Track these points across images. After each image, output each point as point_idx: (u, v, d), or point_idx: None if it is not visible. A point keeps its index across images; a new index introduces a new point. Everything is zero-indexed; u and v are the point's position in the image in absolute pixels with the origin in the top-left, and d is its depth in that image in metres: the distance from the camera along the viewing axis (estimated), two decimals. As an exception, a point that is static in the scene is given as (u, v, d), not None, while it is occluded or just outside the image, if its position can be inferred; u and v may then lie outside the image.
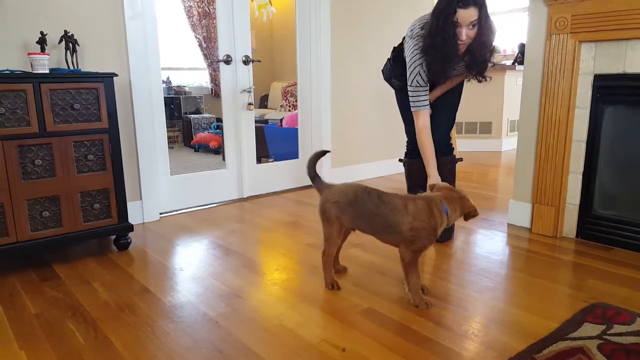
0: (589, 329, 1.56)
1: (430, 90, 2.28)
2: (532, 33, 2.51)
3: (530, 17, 2.50)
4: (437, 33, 2.02)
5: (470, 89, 5.40)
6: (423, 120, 2.23)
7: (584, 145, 2.40)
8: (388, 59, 2.43)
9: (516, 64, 5.87)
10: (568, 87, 2.37)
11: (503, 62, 7.31)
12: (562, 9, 2.32)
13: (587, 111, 2.36)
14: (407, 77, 2.19)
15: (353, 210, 1.77)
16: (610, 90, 2.28)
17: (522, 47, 6.26)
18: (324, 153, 1.98)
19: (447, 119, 2.41)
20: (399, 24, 4.08)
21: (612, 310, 1.67)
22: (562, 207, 2.49)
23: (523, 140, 2.63)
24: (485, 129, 5.56)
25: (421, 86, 2.18)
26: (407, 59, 2.19)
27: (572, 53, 2.33)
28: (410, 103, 2.23)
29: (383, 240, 1.79)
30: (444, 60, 2.09)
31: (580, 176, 2.42)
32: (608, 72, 2.26)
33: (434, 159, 2.22)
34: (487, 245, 2.41)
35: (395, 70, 2.35)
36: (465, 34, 2.03)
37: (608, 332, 1.53)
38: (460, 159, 2.54)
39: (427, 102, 2.22)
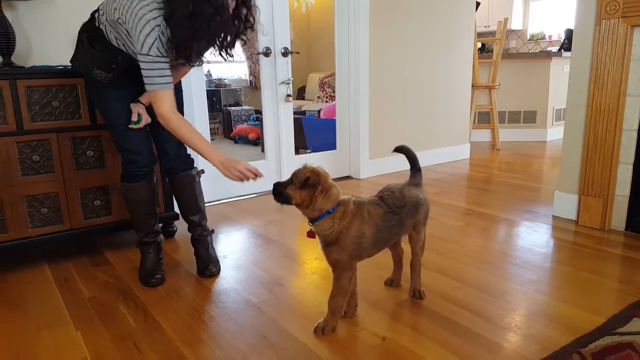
0: (639, 324, 1.51)
1: None
2: (580, 18, 2.42)
3: (579, 1, 2.41)
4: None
5: (513, 77, 5.28)
6: (170, 102, 1.71)
7: (635, 135, 2.30)
8: (80, 42, 1.82)
9: (562, 50, 5.67)
10: (619, 74, 2.27)
11: (548, 49, 7.07)
12: (613, -8, 2.22)
13: (639, 99, 2.26)
14: (137, 43, 1.61)
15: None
16: (665, 76, 2.18)
17: (569, 33, 6.02)
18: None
19: None
20: (441, 12, 4.01)
21: (664, 306, 1.61)
22: (610, 198, 2.40)
23: (570, 129, 2.55)
24: (530, 118, 5.40)
25: (162, 56, 1.65)
26: (133, 19, 1.60)
27: (623, 38, 2.23)
28: (147, 81, 1.67)
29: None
30: (213, 36, 1.69)
31: (631, 167, 2.33)
32: (663, 57, 2.16)
33: (210, 144, 1.79)
34: (530, 238, 2.35)
35: (95, 57, 1.76)
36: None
37: (659, 328, 1.48)
38: (202, 171, 2.17)
39: (171, 79, 1.71)
